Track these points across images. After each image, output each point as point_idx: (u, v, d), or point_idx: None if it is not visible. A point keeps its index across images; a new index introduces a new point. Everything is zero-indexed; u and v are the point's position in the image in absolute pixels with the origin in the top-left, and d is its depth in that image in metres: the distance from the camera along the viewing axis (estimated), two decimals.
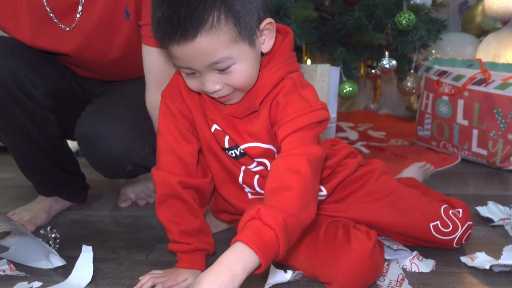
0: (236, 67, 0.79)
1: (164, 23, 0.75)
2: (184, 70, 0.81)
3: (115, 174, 1.12)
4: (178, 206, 0.92)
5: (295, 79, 0.85)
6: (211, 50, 0.75)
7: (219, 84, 0.80)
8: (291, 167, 0.75)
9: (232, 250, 0.66)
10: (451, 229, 0.97)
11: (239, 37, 0.77)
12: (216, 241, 1.09)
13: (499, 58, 1.90)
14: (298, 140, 0.79)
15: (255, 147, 0.89)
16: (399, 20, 1.58)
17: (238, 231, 0.69)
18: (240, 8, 0.76)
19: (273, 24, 0.83)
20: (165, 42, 0.77)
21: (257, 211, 0.67)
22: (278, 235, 0.66)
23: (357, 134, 2.17)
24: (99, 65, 1.14)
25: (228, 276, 0.64)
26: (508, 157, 1.59)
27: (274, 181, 0.74)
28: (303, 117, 0.80)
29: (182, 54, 0.76)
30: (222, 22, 0.75)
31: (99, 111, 1.08)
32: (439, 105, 1.75)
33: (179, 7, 0.73)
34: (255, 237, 0.66)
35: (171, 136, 0.93)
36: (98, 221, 1.27)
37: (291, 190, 0.71)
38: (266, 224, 0.66)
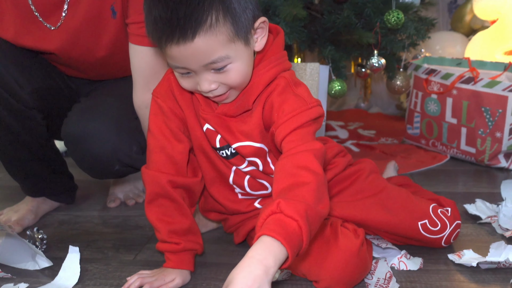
0: (232, 66, 0.79)
1: (162, 23, 0.74)
2: (179, 70, 0.80)
3: (102, 174, 1.11)
4: (167, 205, 0.92)
5: (288, 78, 0.86)
6: (209, 50, 0.75)
7: (215, 83, 0.80)
8: (300, 164, 0.75)
9: (260, 244, 0.65)
10: (439, 228, 0.98)
11: (235, 36, 0.77)
12: (205, 240, 1.09)
13: (487, 56, 1.91)
14: (299, 138, 0.79)
15: (247, 146, 0.89)
16: (388, 18, 1.58)
17: (257, 228, 0.68)
18: (237, 7, 0.76)
19: (267, 23, 0.84)
20: (163, 42, 0.76)
21: (277, 205, 0.67)
22: (301, 226, 0.66)
23: (347, 133, 2.17)
24: (85, 64, 1.13)
25: (261, 270, 0.63)
26: (496, 155, 1.60)
27: (285, 180, 0.74)
28: (301, 115, 0.80)
29: (179, 54, 0.76)
30: (221, 21, 0.75)
31: (86, 111, 1.07)
32: (428, 104, 1.76)
33: (178, 7, 0.73)
34: (280, 229, 0.65)
35: (162, 135, 0.92)
36: (86, 221, 1.26)
37: (306, 185, 0.72)
38: (289, 216, 0.66)
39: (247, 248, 1.03)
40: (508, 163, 1.60)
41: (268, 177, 0.96)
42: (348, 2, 1.64)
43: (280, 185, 0.74)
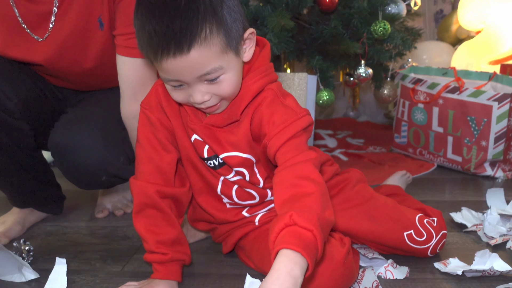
0: (225, 77, 0.80)
1: (157, 37, 0.75)
2: (172, 83, 0.81)
3: (89, 185, 1.11)
4: (155, 216, 0.92)
5: (275, 89, 0.87)
6: (203, 61, 0.77)
7: (208, 94, 0.81)
8: (301, 175, 0.76)
9: (283, 257, 0.66)
10: (425, 238, 0.99)
11: (227, 47, 0.79)
12: (193, 251, 1.09)
13: (472, 66, 1.94)
14: (293, 148, 0.80)
15: (234, 156, 0.90)
16: (375, 29, 1.60)
17: (271, 242, 0.69)
18: (228, 18, 0.78)
19: (254, 34, 0.85)
20: (158, 56, 0.76)
21: (290, 218, 0.68)
22: (316, 235, 0.67)
23: (336, 142, 2.18)
24: (73, 75, 1.14)
25: (291, 282, 0.64)
26: (482, 163, 1.62)
27: (288, 190, 0.74)
28: (292, 126, 0.81)
29: (174, 67, 0.76)
30: (214, 33, 0.76)
31: (73, 121, 1.07)
32: (415, 113, 1.78)
33: (173, 21, 0.73)
34: (298, 241, 0.66)
35: (150, 146, 0.93)
36: (74, 232, 1.26)
37: (311, 195, 0.73)
38: (303, 228, 0.67)
39: (235, 258, 1.05)
40: (493, 171, 1.62)
41: (256, 187, 0.96)
42: (335, 12, 1.66)
43: (283, 196, 0.74)
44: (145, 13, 0.76)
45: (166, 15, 0.74)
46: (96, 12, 1.02)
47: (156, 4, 0.75)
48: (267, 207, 1.00)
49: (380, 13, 1.66)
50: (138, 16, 0.79)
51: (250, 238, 1.00)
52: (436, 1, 2.76)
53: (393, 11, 1.74)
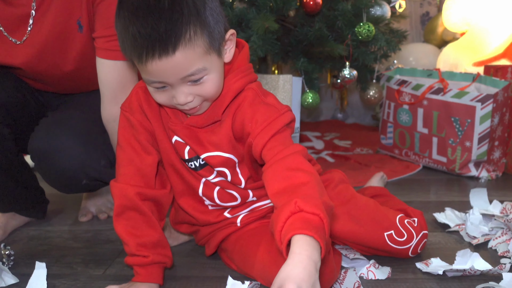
0: (208, 77, 0.81)
1: (142, 40, 0.74)
2: (155, 85, 0.81)
3: (70, 189, 1.10)
4: (136, 218, 0.92)
5: (256, 89, 0.88)
6: (188, 63, 0.77)
7: (191, 95, 0.81)
8: (292, 166, 0.76)
9: (300, 242, 0.65)
10: (405, 238, 0.99)
11: (211, 48, 0.79)
12: (176, 253, 1.09)
13: (457, 67, 1.96)
14: (280, 143, 0.81)
15: (216, 156, 0.90)
16: (359, 31, 1.61)
17: (277, 232, 0.68)
18: (211, 20, 0.78)
19: (235, 35, 0.87)
20: (143, 58, 0.76)
21: (296, 205, 0.68)
22: (323, 218, 0.68)
23: (323, 144, 2.19)
24: (53, 78, 1.13)
25: (313, 266, 0.64)
26: (467, 164, 1.63)
27: (281, 182, 0.75)
28: (275, 122, 0.82)
29: (159, 68, 0.77)
30: (198, 35, 0.77)
31: (53, 125, 1.06)
32: (400, 114, 1.79)
33: (158, 23, 0.74)
34: (308, 225, 0.66)
35: (131, 148, 0.92)
36: (57, 236, 1.24)
37: (306, 184, 0.73)
38: (310, 213, 0.68)
39: (218, 261, 1.05)
40: (478, 171, 1.63)
41: (237, 187, 0.96)
42: (320, 15, 1.67)
43: (276, 187, 0.75)
44: (128, 15, 0.76)
45: (151, 17, 0.74)
46: (75, 15, 1.02)
47: (140, 6, 0.75)
48: (249, 208, 1.00)
49: (365, 15, 1.67)
50: (120, 18, 0.78)
51: (232, 240, 1.00)
52: (422, 3, 2.78)
53: (377, 13, 1.75)
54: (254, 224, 1.00)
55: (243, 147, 0.90)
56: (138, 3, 0.76)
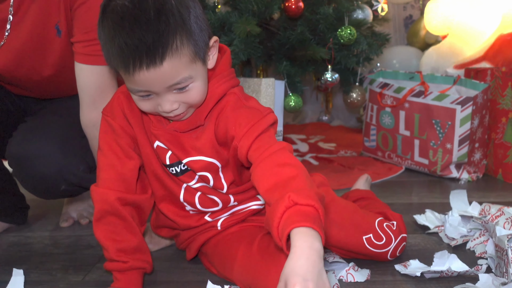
0: (194, 85, 0.81)
1: (129, 50, 0.74)
2: (140, 94, 0.81)
3: (48, 195, 1.09)
4: (115, 223, 0.91)
5: (238, 93, 0.89)
6: (174, 72, 0.77)
7: (176, 103, 0.82)
8: (279, 162, 0.77)
9: (299, 235, 0.65)
10: (384, 242, 1.00)
11: (196, 57, 0.80)
12: (157, 258, 1.08)
13: (438, 70, 1.98)
14: (265, 142, 0.81)
15: (198, 160, 0.90)
16: (341, 34, 1.63)
17: (274, 228, 0.68)
18: (196, 28, 0.79)
19: (218, 41, 0.87)
20: (130, 69, 0.76)
21: (289, 199, 0.68)
22: (318, 208, 0.68)
23: (307, 146, 2.20)
24: (32, 83, 1.12)
25: (315, 255, 0.64)
26: (448, 165, 1.65)
27: (271, 178, 0.75)
28: (259, 124, 0.83)
29: (146, 78, 0.77)
30: (185, 44, 0.77)
31: (31, 130, 1.05)
32: (382, 117, 1.81)
33: (145, 34, 0.73)
34: (305, 217, 0.67)
35: (112, 153, 0.92)
36: (37, 242, 1.23)
37: (295, 178, 0.73)
38: (305, 205, 0.68)
39: (199, 265, 1.05)
40: (459, 173, 1.65)
41: (219, 193, 0.96)
42: (302, 18, 1.68)
43: (267, 184, 0.75)
44: (113, 25, 0.76)
45: (137, 28, 0.74)
46: (53, 19, 1.01)
47: (125, 16, 0.75)
48: (229, 212, 1.00)
49: (346, 19, 1.68)
50: (104, 28, 0.78)
51: (212, 244, 1.00)
52: (405, 6, 2.81)
53: (359, 17, 1.76)
54: (234, 227, 1.00)
55: (227, 152, 0.90)
56: (123, 13, 0.75)
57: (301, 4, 1.59)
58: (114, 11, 0.76)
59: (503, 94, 1.60)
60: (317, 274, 0.63)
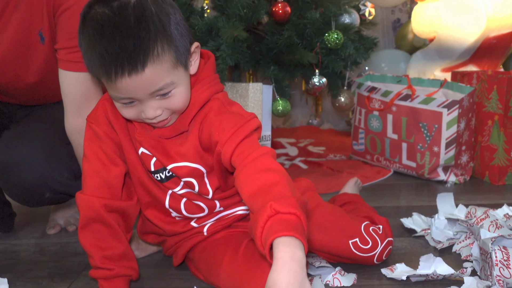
0: (176, 91, 0.82)
1: (110, 58, 0.74)
2: (123, 101, 0.81)
3: (33, 202, 1.08)
4: (101, 230, 0.91)
5: (221, 99, 0.89)
6: (156, 78, 0.78)
7: (160, 109, 0.82)
8: (262, 167, 0.77)
9: (280, 245, 0.65)
10: (370, 245, 1.00)
11: (178, 63, 0.80)
12: (143, 265, 1.08)
13: (425, 74, 2.00)
14: (248, 147, 0.81)
15: (183, 166, 0.90)
16: (328, 39, 1.63)
17: (257, 238, 0.68)
18: (177, 34, 0.79)
19: (199, 47, 0.88)
20: (112, 76, 0.76)
21: (271, 208, 0.68)
22: (299, 216, 0.68)
23: (296, 150, 2.20)
24: (16, 90, 1.11)
25: (297, 265, 0.64)
26: (435, 168, 1.66)
27: (254, 184, 0.75)
28: (242, 129, 0.83)
29: (128, 85, 0.77)
30: (166, 50, 0.77)
31: (15, 138, 1.04)
32: (370, 120, 1.81)
33: (126, 41, 0.74)
34: (287, 226, 0.66)
35: (97, 159, 0.92)
36: (23, 250, 1.22)
37: (278, 184, 0.73)
38: (286, 213, 0.68)
39: (186, 271, 1.04)
40: (446, 176, 1.66)
41: (204, 198, 0.96)
42: (289, 23, 1.69)
43: (249, 189, 0.75)
44: (93, 33, 0.76)
45: (118, 35, 0.74)
46: (37, 26, 1.01)
47: (105, 24, 0.75)
48: (216, 217, 1.00)
49: (333, 23, 1.69)
50: (85, 35, 0.78)
51: (199, 250, 1.00)
52: (393, 10, 2.83)
53: (346, 21, 1.77)
54: (220, 233, 1.00)
55: (211, 157, 0.90)
56: (103, 20, 0.75)
57: (288, 8, 1.60)
58: (94, 19, 0.76)
59: (489, 97, 1.62)
60: (299, 284, 0.63)
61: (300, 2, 1.69)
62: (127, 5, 0.76)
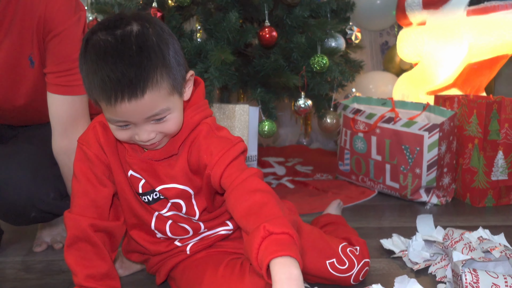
0: (171, 116, 0.86)
1: (112, 84, 0.78)
2: (118, 124, 0.84)
3: (19, 221, 1.10)
4: (87, 249, 0.93)
5: (210, 123, 0.94)
6: (153, 104, 0.81)
7: (153, 133, 0.86)
8: (250, 189, 0.82)
9: (277, 267, 0.70)
10: (347, 266, 1.03)
11: (174, 90, 0.84)
12: (127, 283, 1.10)
13: (408, 97, 2.05)
14: (236, 170, 0.86)
15: (172, 188, 0.93)
16: (313, 63, 1.68)
17: (253, 259, 0.73)
18: (175, 63, 0.84)
19: (193, 75, 0.92)
20: (111, 101, 0.79)
21: (264, 229, 0.73)
22: (292, 235, 0.73)
23: (284, 169, 2.23)
24: (5, 111, 1.14)
25: (295, 284, 0.69)
26: (418, 190, 1.69)
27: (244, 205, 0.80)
28: (230, 152, 0.88)
29: (127, 110, 0.80)
30: (164, 78, 0.82)
31: (2, 158, 1.07)
32: (355, 142, 1.86)
33: (128, 69, 0.77)
34: (281, 247, 0.71)
35: (87, 180, 0.95)
36: (9, 267, 1.24)
37: (267, 204, 0.78)
38: (280, 233, 0.73)
39: None
40: (428, 197, 1.70)
41: (190, 220, 0.99)
42: (276, 46, 1.74)
43: (240, 211, 0.80)
44: (96, 59, 0.80)
45: (120, 63, 0.78)
46: (27, 51, 1.04)
47: (108, 51, 0.79)
48: (199, 237, 1.03)
49: (319, 47, 1.74)
50: (87, 60, 0.81)
51: (180, 269, 1.02)
52: (381, 33, 2.90)
53: (332, 45, 1.82)
54: (202, 253, 1.03)
55: (200, 180, 0.94)
56: (105, 47, 0.79)
57: (274, 33, 1.64)
58: (97, 45, 0.80)
59: (469, 121, 1.67)
60: None
61: (287, 27, 1.74)
62: (129, 34, 0.80)
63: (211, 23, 1.66)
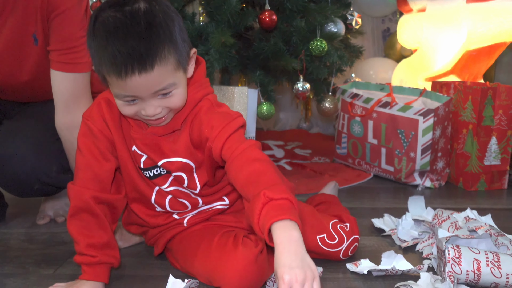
0: (176, 91, 0.90)
1: (123, 58, 0.82)
2: (126, 98, 0.88)
3: (23, 193, 1.15)
4: (88, 220, 0.97)
5: (211, 100, 0.98)
6: (161, 78, 0.86)
7: (159, 107, 0.90)
8: (249, 158, 0.87)
9: (277, 231, 0.75)
10: (336, 241, 1.07)
11: (179, 65, 0.89)
12: (126, 254, 1.15)
13: (405, 82, 2.07)
14: (236, 141, 0.91)
15: (175, 161, 0.98)
16: (312, 47, 1.71)
17: (255, 225, 0.78)
18: (180, 40, 0.88)
19: (196, 52, 0.96)
20: (122, 75, 0.83)
21: (265, 196, 0.78)
22: (291, 199, 0.79)
23: (283, 152, 2.27)
24: (10, 88, 1.18)
25: (297, 245, 0.75)
26: (412, 173, 1.73)
27: (243, 174, 0.85)
28: (230, 125, 0.93)
29: (136, 84, 0.84)
30: (171, 53, 0.86)
31: (7, 133, 1.11)
32: (353, 125, 1.89)
33: (138, 43, 0.82)
34: (281, 211, 0.77)
35: (90, 154, 0.99)
36: (13, 238, 1.29)
37: (266, 172, 0.84)
38: (279, 199, 0.78)
39: (165, 261, 1.11)
40: (422, 180, 1.73)
41: (189, 196, 1.03)
42: (276, 30, 1.76)
43: (241, 180, 0.86)
44: (105, 34, 0.83)
45: (131, 38, 0.82)
46: (31, 29, 1.08)
47: (117, 26, 0.82)
48: (196, 210, 1.07)
49: (318, 32, 1.76)
50: (96, 37, 0.85)
51: (177, 241, 1.07)
52: (383, 19, 2.91)
53: (332, 30, 1.84)
54: (199, 225, 1.07)
55: (201, 154, 0.98)
56: (115, 23, 0.83)
57: (274, 17, 1.67)
58: (106, 21, 0.84)
59: (464, 106, 1.70)
60: (301, 259, 0.74)
61: (287, 11, 1.77)
62: (137, 10, 0.84)
63: (212, 5, 1.68)
